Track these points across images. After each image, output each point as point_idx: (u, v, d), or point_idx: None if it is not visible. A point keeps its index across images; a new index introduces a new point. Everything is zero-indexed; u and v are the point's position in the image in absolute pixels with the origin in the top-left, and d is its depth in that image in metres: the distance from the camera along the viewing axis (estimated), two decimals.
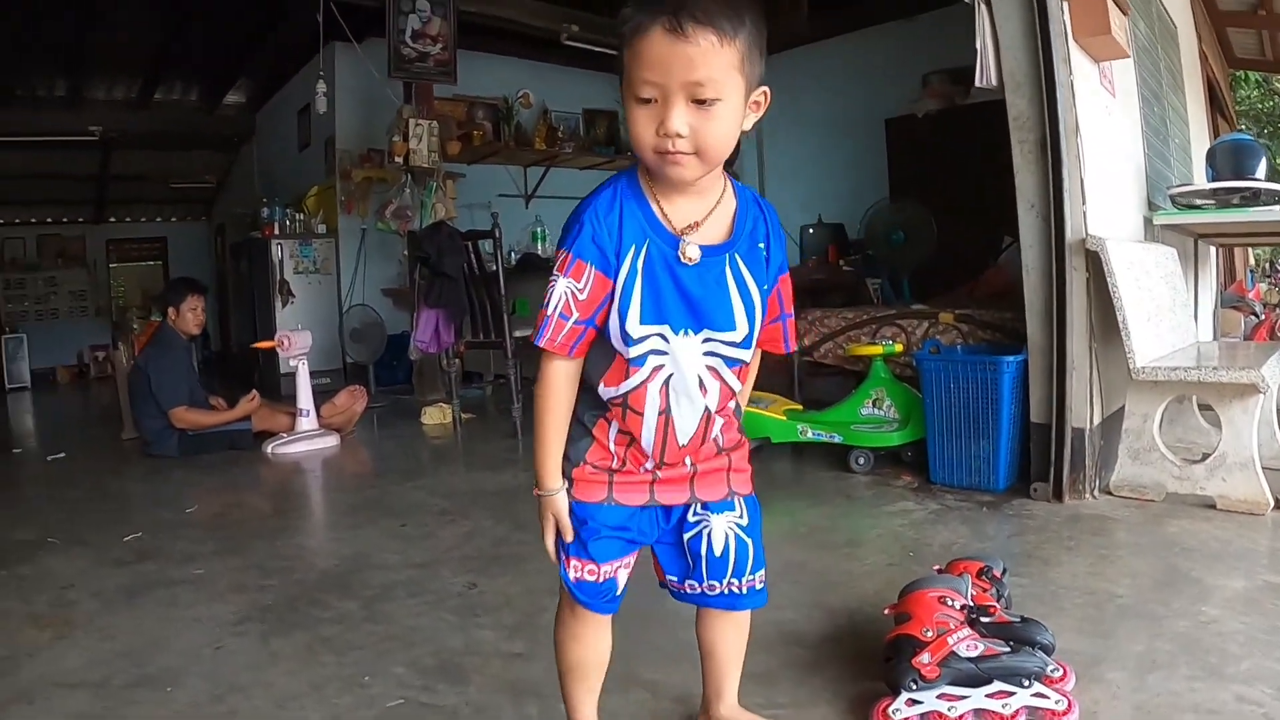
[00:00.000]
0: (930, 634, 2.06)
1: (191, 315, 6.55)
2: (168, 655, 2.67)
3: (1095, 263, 3.76)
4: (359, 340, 9.66)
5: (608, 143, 11.90)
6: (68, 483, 5.76)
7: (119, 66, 11.96)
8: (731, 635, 1.94)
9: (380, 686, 2.34)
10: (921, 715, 1.99)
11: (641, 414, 1.65)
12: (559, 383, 1.65)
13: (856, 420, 4.47)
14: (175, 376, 6.32)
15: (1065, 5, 3.87)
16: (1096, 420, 3.94)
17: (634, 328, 1.58)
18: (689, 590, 1.87)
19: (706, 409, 1.67)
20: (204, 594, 3.24)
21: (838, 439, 4.49)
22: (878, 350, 4.52)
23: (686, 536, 1.80)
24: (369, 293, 10.23)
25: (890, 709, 2.00)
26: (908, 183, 9.46)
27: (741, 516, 1.81)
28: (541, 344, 1.59)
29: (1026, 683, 1.99)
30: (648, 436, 1.67)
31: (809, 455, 4.77)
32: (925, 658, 2.02)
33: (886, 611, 2.22)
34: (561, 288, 1.56)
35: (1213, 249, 6.97)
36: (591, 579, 1.76)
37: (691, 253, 1.56)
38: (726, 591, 1.82)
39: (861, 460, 4.46)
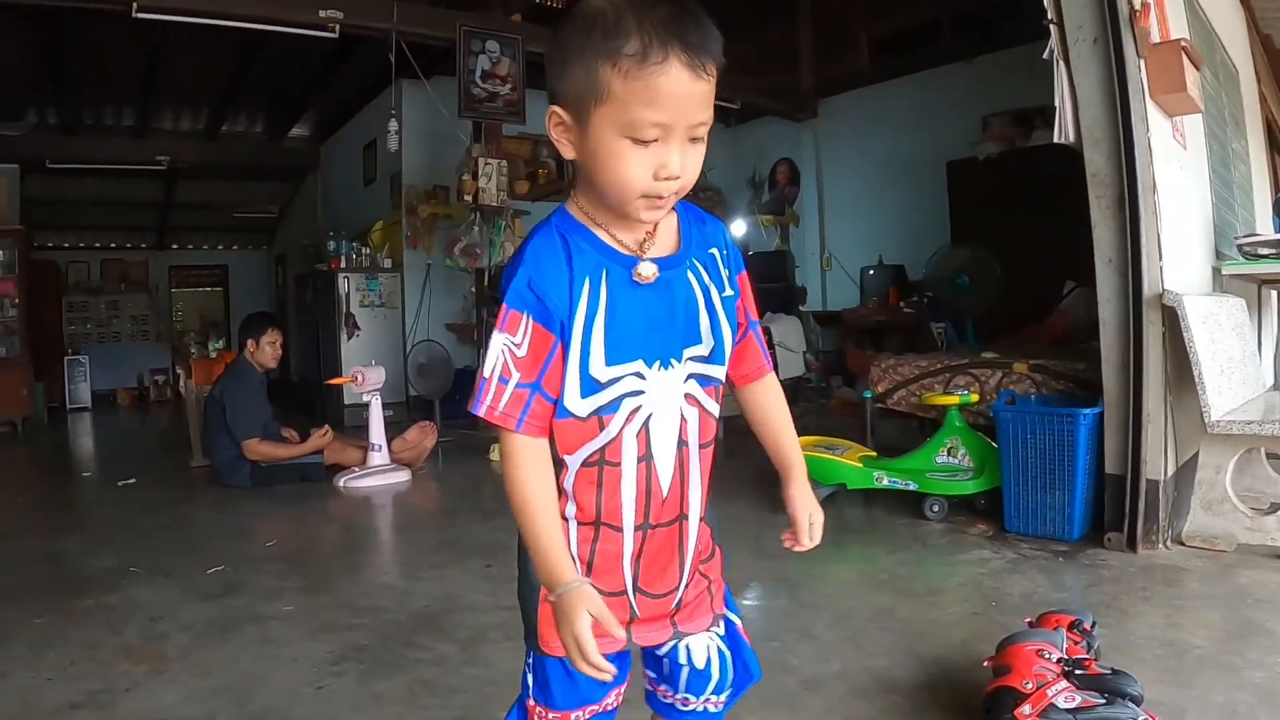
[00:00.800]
0: (1030, 686, 2.12)
1: (270, 349, 6.71)
2: (268, 694, 2.73)
3: (1170, 317, 3.81)
4: (425, 375, 9.78)
5: None
6: (142, 510, 5.85)
7: (187, 98, 12.32)
8: None
9: None
10: None
11: (619, 465, 1.44)
12: (523, 459, 1.39)
13: (932, 468, 4.50)
14: (250, 409, 6.45)
15: (1142, 63, 3.93)
16: (1170, 471, 3.96)
17: (600, 370, 1.39)
18: (662, 697, 1.65)
19: (684, 439, 1.47)
20: (297, 631, 3.30)
21: (913, 486, 4.53)
22: (954, 400, 4.56)
23: (665, 648, 1.58)
24: (434, 326, 10.36)
25: None
26: (968, 225, 9.47)
27: (720, 627, 1.62)
28: (479, 412, 1.38)
29: None
30: (628, 493, 1.44)
31: (882, 501, 4.81)
32: (1026, 709, 2.09)
33: (986, 664, 2.29)
34: (498, 346, 1.37)
35: (1274, 293, 6.97)
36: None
37: (645, 270, 1.39)
38: (703, 709, 1.63)
39: (936, 508, 4.49)
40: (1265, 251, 4.72)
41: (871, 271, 10.23)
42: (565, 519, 1.45)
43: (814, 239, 11.87)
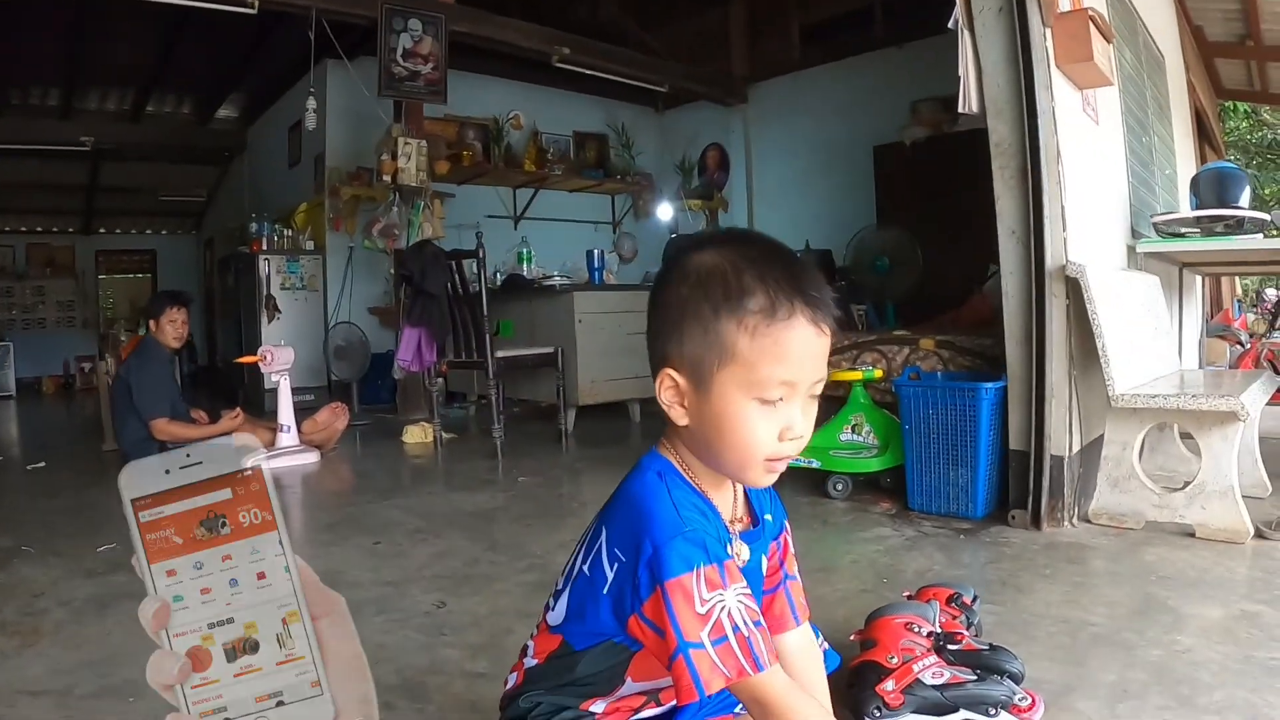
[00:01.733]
0: (895, 661, 2.04)
1: (171, 328, 6.50)
2: (132, 667, 2.62)
3: (1075, 289, 3.76)
4: (343, 358, 9.64)
5: (597, 165, 12.00)
6: (45, 492, 5.76)
7: (112, 78, 12.06)
8: None
9: None
10: None
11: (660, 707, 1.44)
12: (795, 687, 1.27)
13: (835, 446, 4.46)
14: (157, 388, 6.27)
15: (1048, 32, 3.87)
16: (1076, 448, 3.93)
17: None
18: None
19: None
20: None
21: (816, 464, 4.45)
22: (857, 376, 4.51)
23: None
24: (355, 311, 10.20)
25: None
26: (895, 210, 9.51)
27: None
28: (769, 663, 1.23)
29: (993, 711, 1.97)
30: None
31: (786, 479, 4.68)
32: (889, 685, 2.01)
33: (853, 638, 2.21)
34: (732, 601, 1.22)
35: (1198, 278, 6.98)
36: None
37: (743, 553, 1.36)
38: None
39: (840, 486, 4.43)
40: (1182, 230, 4.69)
41: (799, 256, 10.19)
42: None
43: (742, 224, 11.80)
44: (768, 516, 1.46)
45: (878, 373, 4.57)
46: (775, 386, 1.22)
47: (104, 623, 3.11)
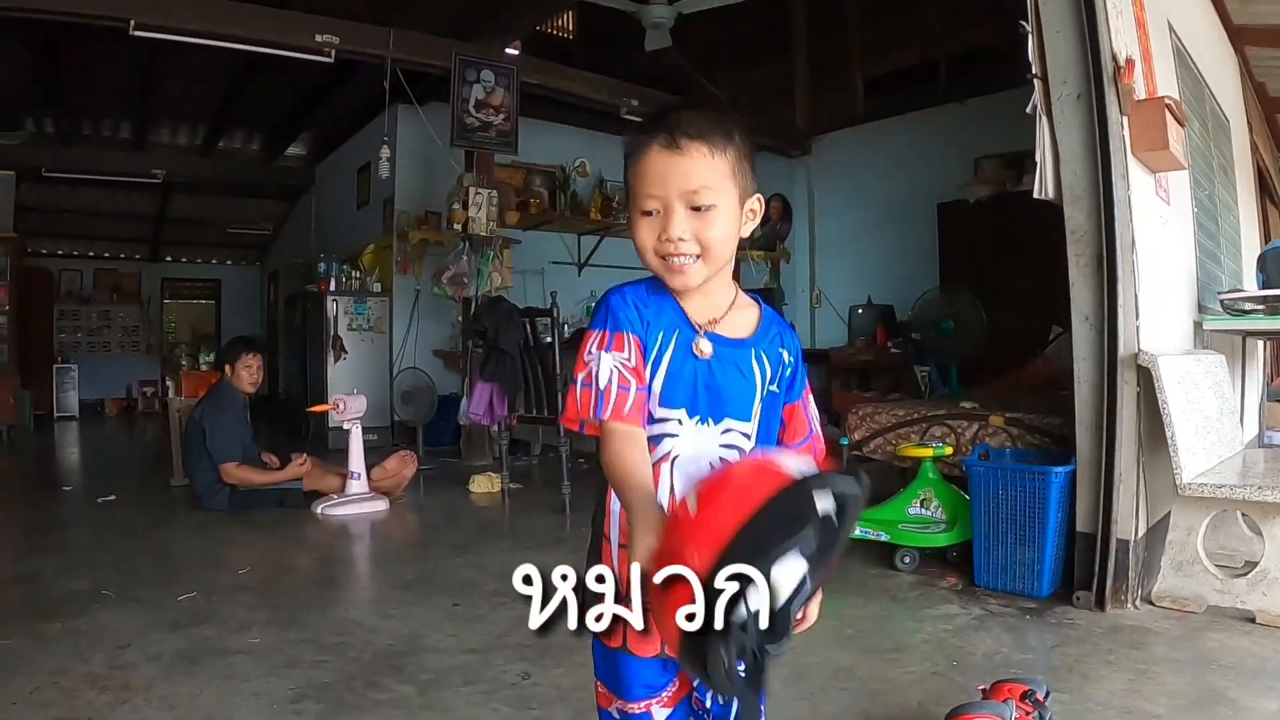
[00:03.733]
0: None
1: (246, 373, 6.68)
2: None
3: (1146, 377, 3.80)
4: (409, 402, 9.78)
5: None
6: (118, 530, 5.86)
7: (184, 114, 12.44)
8: None
9: None
10: None
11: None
12: (636, 441, 1.52)
13: (904, 520, 4.49)
14: (230, 433, 6.43)
15: (1125, 120, 3.93)
16: (1141, 531, 3.95)
17: (654, 408, 1.57)
18: None
19: None
20: (261, 666, 3.29)
21: (885, 537, 4.50)
22: (928, 453, 4.56)
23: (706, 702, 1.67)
24: (420, 352, 10.36)
25: None
26: (958, 267, 9.51)
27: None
28: (606, 416, 1.52)
29: None
30: None
31: (854, 551, 4.73)
32: None
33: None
34: (608, 364, 1.54)
35: (1261, 343, 6.97)
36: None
37: (704, 346, 1.57)
38: None
39: (907, 559, 4.47)
40: (1249, 307, 4.72)
41: (860, 311, 10.24)
42: (609, 541, 1.62)
43: (804, 276, 11.90)
44: (783, 353, 1.66)
45: (948, 450, 4.60)
46: (647, 199, 1.52)
47: (193, 681, 3.18)
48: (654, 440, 1.57)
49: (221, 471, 6.29)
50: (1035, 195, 4.07)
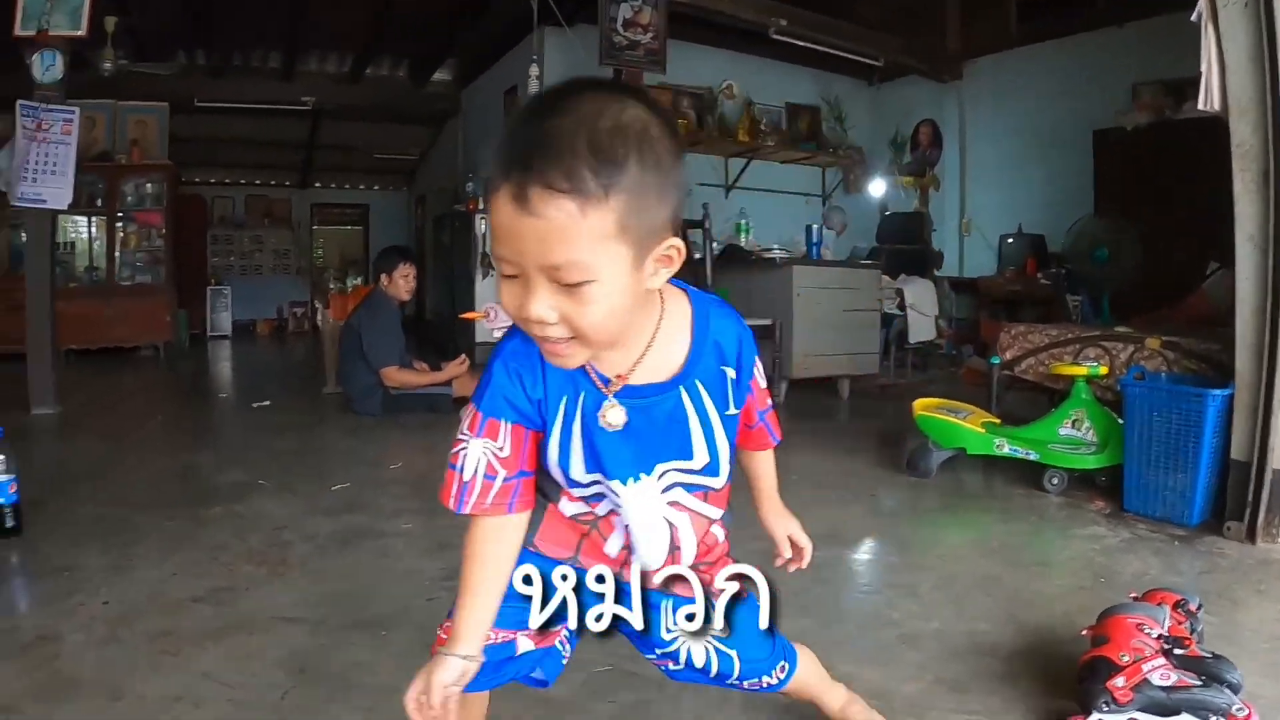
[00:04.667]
0: (1126, 659, 2.11)
1: (404, 282, 6.87)
2: (380, 603, 2.87)
3: None
4: None
5: (809, 138, 11.96)
6: (273, 431, 6.13)
7: (332, 42, 12.70)
8: None
9: (585, 651, 2.36)
10: None
11: (607, 538, 1.52)
12: (504, 533, 1.42)
13: (1054, 440, 4.44)
14: (388, 338, 6.64)
15: None
16: None
17: (578, 474, 1.41)
18: (670, 667, 1.69)
19: (676, 544, 1.49)
20: (412, 549, 3.46)
21: (1034, 456, 4.47)
22: (1082, 371, 4.48)
23: (661, 651, 1.62)
24: None
25: None
26: (1114, 197, 9.27)
27: (722, 629, 1.43)
28: (465, 510, 1.38)
29: (1214, 718, 2.04)
30: (613, 548, 1.53)
31: (1000, 470, 4.76)
32: (1120, 681, 2.08)
33: (1084, 632, 2.28)
34: (476, 451, 1.36)
35: None
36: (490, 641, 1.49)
37: (613, 418, 1.35)
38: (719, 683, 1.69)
39: (1055, 480, 4.43)
40: None
41: (1010, 240, 10.06)
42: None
43: (954, 203, 11.68)
44: (725, 370, 1.44)
45: (1102, 370, 4.50)
46: (500, 262, 1.17)
47: (347, 559, 3.36)
48: (593, 499, 1.46)
49: (382, 375, 6.52)
50: (1200, 107, 3.94)
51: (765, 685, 1.73)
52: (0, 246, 11.52)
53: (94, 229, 12.07)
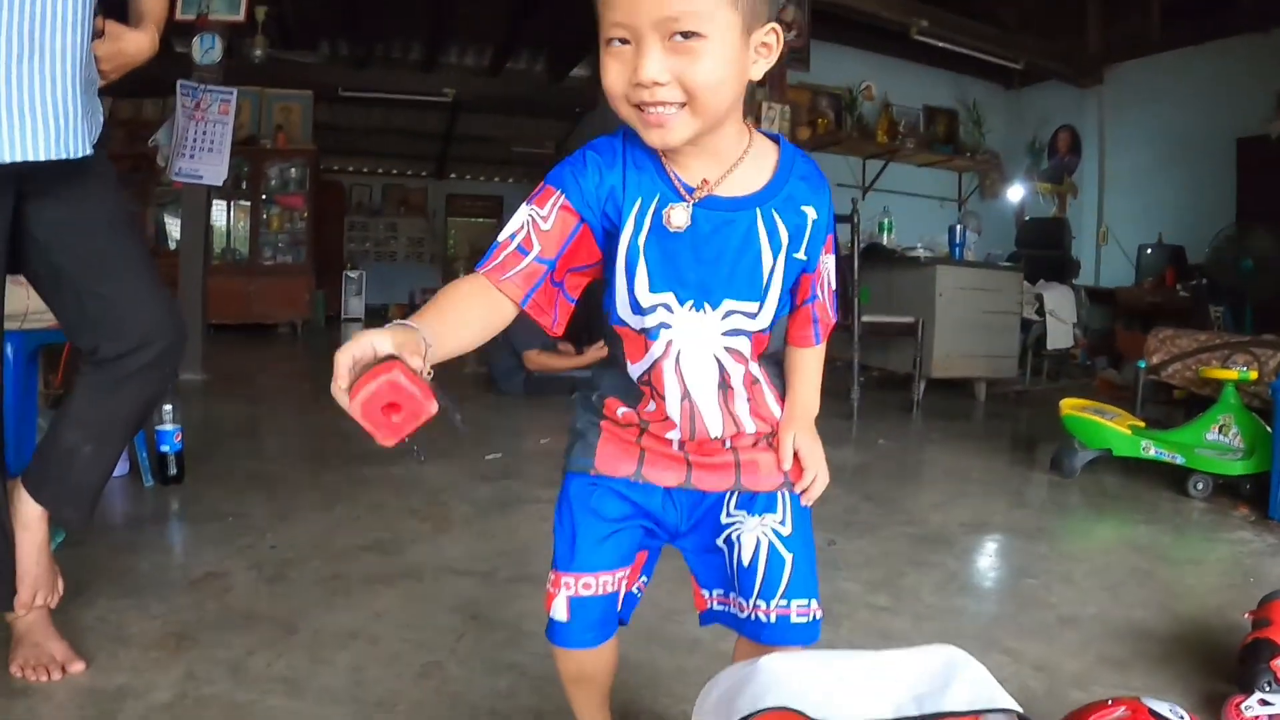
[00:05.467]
0: None
1: None
2: (545, 560, 3.01)
3: None
4: None
5: (946, 141, 11.92)
6: None
7: (474, 35, 13.00)
8: None
9: None
10: (1270, 716, 2.14)
11: (664, 398, 1.42)
12: (483, 301, 1.35)
13: (1201, 444, 4.44)
14: (530, 323, 6.83)
15: None
16: None
17: (643, 295, 1.35)
18: (718, 606, 1.56)
19: (729, 389, 1.43)
20: None
21: (1179, 460, 4.47)
22: (1232, 375, 4.47)
23: (718, 540, 1.50)
24: None
25: (1243, 704, 2.14)
26: (1257, 208, 9.07)
27: (783, 522, 1.48)
28: (482, 270, 1.33)
29: None
30: (674, 424, 1.44)
31: (1144, 473, 4.76)
32: None
33: (1246, 616, 2.36)
34: (522, 216, 1.34)
35: None
36: (588, 593, 1.51)
37: (676, 217, 1.30)
38: (753, 616, 1.48)
39: (1200, 485, 4.42)
40: None
41: (1149, 250, 9.93)
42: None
43: (1091, 211, 11.53)
44: (806, 210, 1.39)
45: (1253, 374, 4.49)
46: (610, 28, 1.19)
47: (508, 520, 3.56)
48: (649, 334, 1.38)
49: (525, 358, 6.76)
50: None
51: (798, 621, 1.47)
52: (147, 224, 12.08)
53: (237, 210, 12.64)
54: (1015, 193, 11.80)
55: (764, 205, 1.34)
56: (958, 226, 7.82)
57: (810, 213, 1.38)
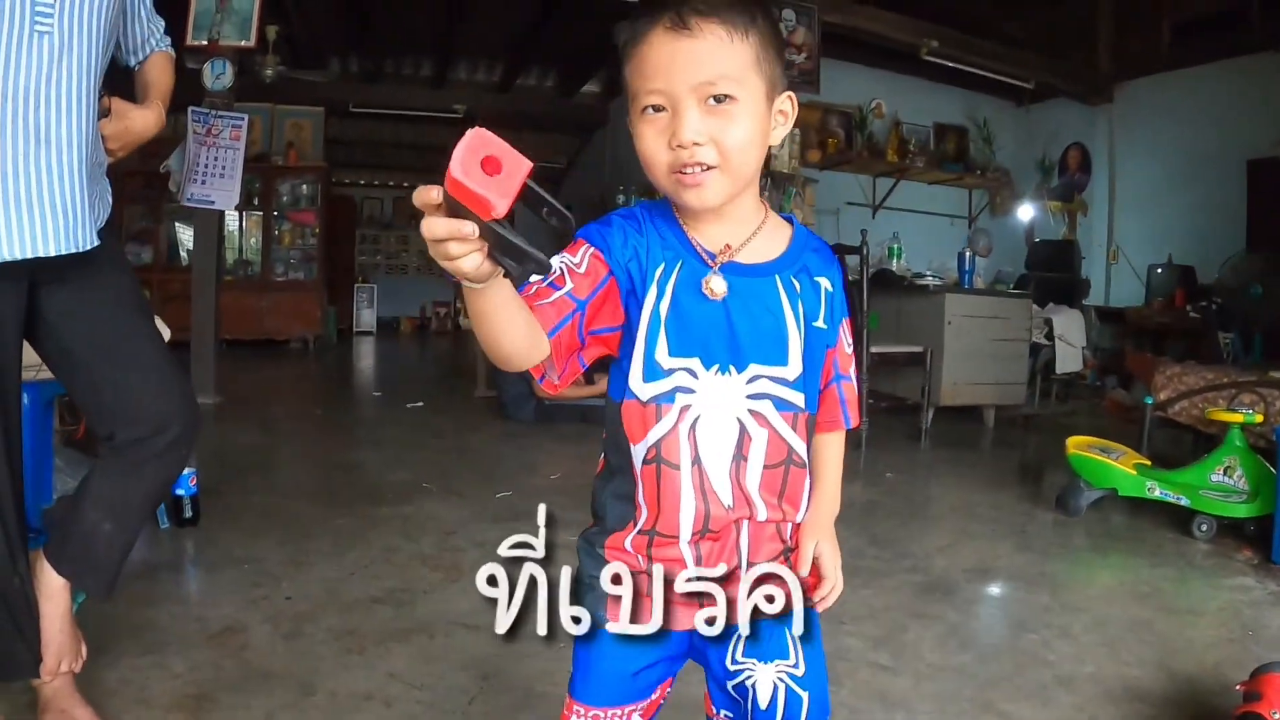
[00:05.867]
0: (1278, 716, 2.25)
1: None
2: None
3: None
4: None
5: (956, 159, 11.94)
6: (431, 433, 6.47)
7: (484, 52, 13.09)
8: None
9: None
10: None
11: (677, 467, 1.35)
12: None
13: (1206, 485, 4.47)
14: None
15: None
16: None
17: (663, 359, 1.34)
18: None
19: (743, 454, 1.35)
20: None
21: (1184, 502, 4.51)
22: (1238, 418, 4.50)
23: (729, 685, 1.40)
24: None
25: None
26: (1268, 230, 9.06)
27: (795, 665, 1.37)
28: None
29: None
30: (687, 500, 1.35)
31: (1149, 512, 4.79)
32: None
33: (1238, 688, 2.41)
34: (555, 263, 1.31)
35: None
36: None
37: (716, 286, 1.32)
38: None
39: (1204, 527, 4.45)
40: None
41: (1159, 270, 9.92)
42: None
43: (1102, 230, 11.51)
44: (821, 281, 1.41)
45: (1258, 417, 4.53)
46: (646, 96, 1.26)
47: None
48: (665, 399, 1.34)
49: (535, 387, 6.76)
50: None
51: None
52: (159, 240, 12.19)
53: (250, 225, 12.79)
54: (1025, 211, 11.80)
55: (783, 273, 1.37)
56: (966, 253, 7.84)
57: (825, 284, 1.42)
